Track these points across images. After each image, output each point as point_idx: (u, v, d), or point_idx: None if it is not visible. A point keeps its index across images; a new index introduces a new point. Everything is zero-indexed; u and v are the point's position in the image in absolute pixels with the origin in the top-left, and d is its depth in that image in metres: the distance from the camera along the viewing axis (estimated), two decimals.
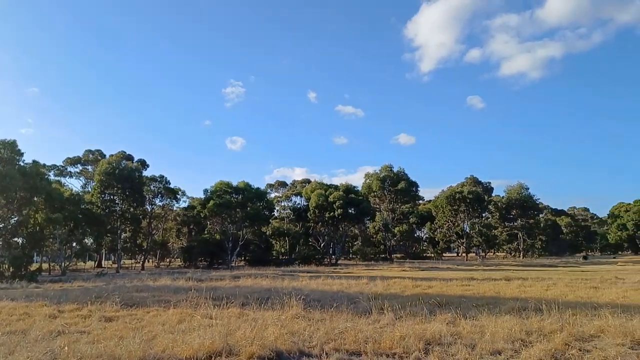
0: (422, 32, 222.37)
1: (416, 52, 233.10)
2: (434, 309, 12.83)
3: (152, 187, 63.56)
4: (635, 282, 22.05)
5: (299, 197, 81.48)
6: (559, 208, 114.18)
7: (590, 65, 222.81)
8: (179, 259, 75.04)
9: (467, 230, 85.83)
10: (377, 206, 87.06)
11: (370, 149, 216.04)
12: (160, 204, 68.09)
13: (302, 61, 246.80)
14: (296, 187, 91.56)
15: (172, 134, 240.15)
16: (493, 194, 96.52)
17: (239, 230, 61.94)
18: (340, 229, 72.73)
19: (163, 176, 64.57)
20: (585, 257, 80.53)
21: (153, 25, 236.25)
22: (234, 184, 64.11)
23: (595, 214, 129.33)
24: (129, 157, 64.36)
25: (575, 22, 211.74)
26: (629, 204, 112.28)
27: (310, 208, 69.59)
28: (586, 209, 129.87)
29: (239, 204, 61.68)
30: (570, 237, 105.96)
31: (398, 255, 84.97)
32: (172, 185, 66.65)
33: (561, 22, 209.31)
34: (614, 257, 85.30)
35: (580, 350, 7.97)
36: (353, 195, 71.14)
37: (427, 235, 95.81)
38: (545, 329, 9.57)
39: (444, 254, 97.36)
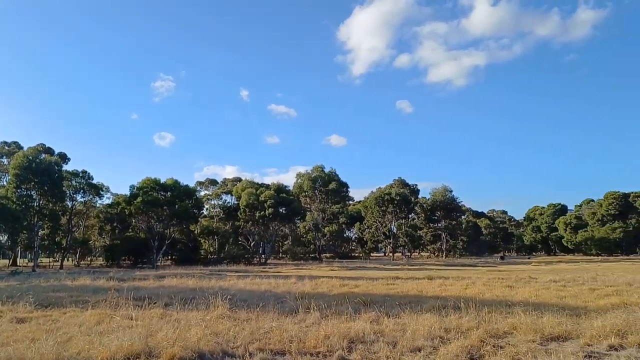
0: (355, 35, 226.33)
1: (348, 55, 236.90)
2: (360, 307, 13.03)
3: (73, 182, 60.41)
4: (546, 281, 23.37)
5: (229, 195, 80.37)
6: (479, 210, 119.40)
7: (511, 74, 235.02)
8: (101, 258, 71.95)
9: (394, 231, 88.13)
10: (308, 206, 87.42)
11: (302, 149, 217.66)
12: (82, 200, 64.90)
13: (235, 59, 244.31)
14: (227, 185, 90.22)
15: (97, 127, 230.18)
16: (419, 196, 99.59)
17: (165, 229, 60.26)
18: (271, 228, 72.45)
19: (85, 171, 61.60)
20: (502, 258, 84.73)
21: (81, 9, 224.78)
22: (163, 180, 62.32)
23: (512, 217, 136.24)
24: (49, 150, 61.06)
25: (498, 34, 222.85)
26: (543, 207, 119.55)
27: (241, 207, 68.89)
28: (504, 212, 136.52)
29: (167, 202, 59.96)
30: (489, 238, 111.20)
31: (327, 255, 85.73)
32: (95, 181, 63.75)
33: (485, 33, 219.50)
34: (529, 258, 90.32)
35: (494, 347, 8.33)
36: (284, 195, 71.05)
37: (356, 235, 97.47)
38: (462, 326, 9.94)
39: (371, 254, 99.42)
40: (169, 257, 68.28)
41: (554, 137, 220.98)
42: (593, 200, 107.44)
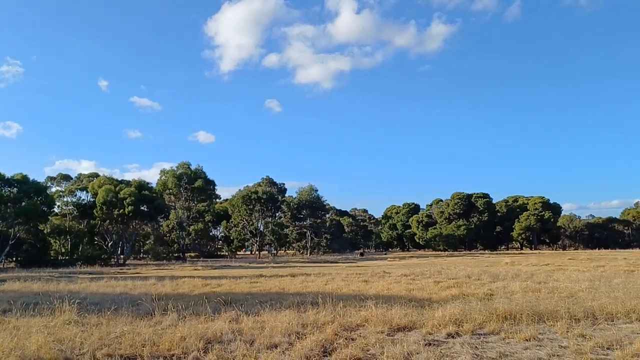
0: (223, 31, 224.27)
1: (216, 50, 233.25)
2: (220, 307, 12.91)
3: None
4: (398, 275, 24.99)
5: (85, 192, 74.74)
6: (342, 209, 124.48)
7: (373, 80, 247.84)
8: None
9: (261, 229, 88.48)
10: (173, 204, 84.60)
11: (168, 145, 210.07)
12: None
13: (94, 47, 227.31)
14: (82, 181, 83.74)
15: None
16: (286, 195, 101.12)
17: (9, 228, 54.47)
18: (131, 227, 68.97)
19: None
20: (362, 254, 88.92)
21: None
22: (9, 175, 56.38)
23: (372, 215, 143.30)
24: None
25: (361, 41, 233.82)
26: (399, 206, 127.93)
27: (97, 204, 64.47)
28: (365, 210, 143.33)
29: (12, 199, 54.25)
30: (351, 235, 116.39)
31: (192, 254, 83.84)
32: None
33: (349, 39, 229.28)
34: (385, 254, 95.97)
35: (347, 339, 8.69)
36: (146, 192, 68.04)
37: (222, 234, 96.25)
38: (319, 321, 10.20)
39: (238, 252, 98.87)
40: (13, 259, 61.90)
41: (410, 141, 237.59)
42: (442, 200, 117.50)
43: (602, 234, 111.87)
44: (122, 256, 67.99)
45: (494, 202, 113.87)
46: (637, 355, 7.32)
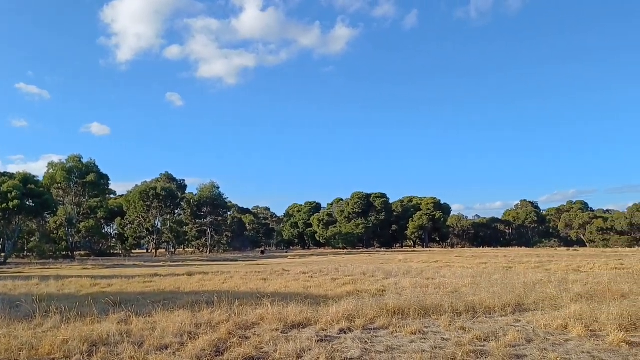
0: (121, 19, 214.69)
1: (113, 38, 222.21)
2: (109, 308, 12.32)
3: None
4: (297, 273, 25.26)
5: None
6: (245, 207, 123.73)
7: (278, 78, 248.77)
8: None
9: (159, 227, 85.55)
10: (61, 199, 79.31)
11: (57, 136, 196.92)
12: None
13: None
14: None
15: None
16: (187, 191, 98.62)
17: None
18: (14, 223, 63.72)
19: None
20: (263, 252, 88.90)
21: None
22: None
23: (274, 213, 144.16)
24: None
25: (266, 38, 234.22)
26: (301, 205, 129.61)
27: None
28: (267, 209, 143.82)
29: None
30: (252, 233, 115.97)
31: (82, 253, 79.35)
32: None
33: (254, 36, 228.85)
34: (286, 252, 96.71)
35: (241, 338, 8.67)
36: (32, 186, 63.22)
37: (116, 231, 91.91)
38: (214, 320, 10.09)
39: (133, 251, 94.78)
40: None
41: (313, 140, 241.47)
42: (342, 199, 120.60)
43: (486, 233, 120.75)
44: (3, 254, 62.67)
45: (391, 201, 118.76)
46: (511, 345, 7.98)
